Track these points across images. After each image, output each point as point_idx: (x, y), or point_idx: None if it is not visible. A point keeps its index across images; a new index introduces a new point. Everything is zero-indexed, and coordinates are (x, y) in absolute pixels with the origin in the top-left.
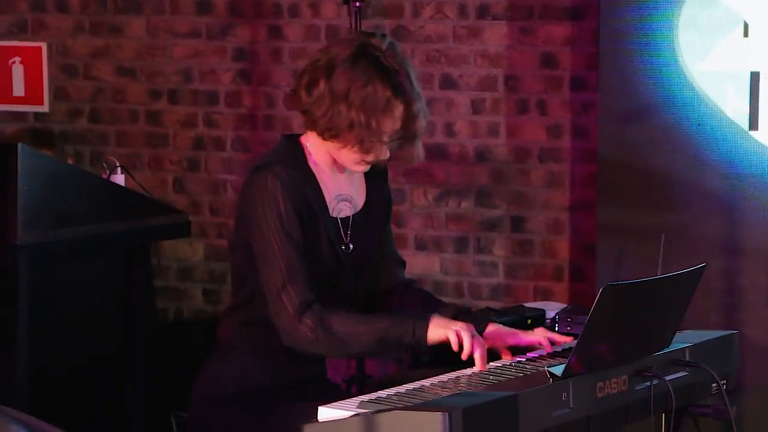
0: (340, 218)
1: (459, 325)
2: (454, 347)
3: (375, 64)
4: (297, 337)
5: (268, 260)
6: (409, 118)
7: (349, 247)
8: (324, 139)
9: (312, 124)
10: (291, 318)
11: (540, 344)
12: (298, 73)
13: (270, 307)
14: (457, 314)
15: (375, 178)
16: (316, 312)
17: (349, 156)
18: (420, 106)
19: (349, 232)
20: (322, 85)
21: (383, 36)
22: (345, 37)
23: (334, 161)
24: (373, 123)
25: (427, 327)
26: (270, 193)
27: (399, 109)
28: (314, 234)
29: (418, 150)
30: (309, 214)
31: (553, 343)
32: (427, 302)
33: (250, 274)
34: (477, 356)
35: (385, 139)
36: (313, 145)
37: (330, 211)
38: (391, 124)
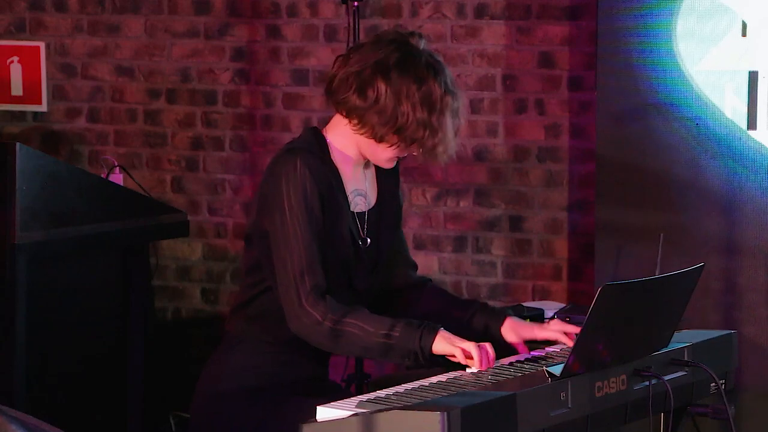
0: (357, 212)
1: (465, 344)
2: (462, 361)
3: (425, 65)
4: (303, 323)
5: (286, 242)
6: (455, 113)
7: (367, 242)
8: (375, 140)
9: (364, 126)
10: (301, 303)
11: (557, 340)
12: (340, 78)
13: (281, 289)
14: (476, 311)
15: (386, 179)
16: (328, 303)
17: (383, 153)
18: (460, 102)
19: (365, 227)
20: (381, 88)
21: (419, 35)
22: (383, 38)
23: (358, 154)
24: (435, 121)
25: (434, 337)
26: (298, 176)
27: (449, 105)
28: (336, 226)
29: (454, 147)
30: (332, 205)
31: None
32: (443, 304)
33: (267, 264)
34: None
35: (448, 135)
36: (340, 138)
37: (350, 205)
38: (448, 120)
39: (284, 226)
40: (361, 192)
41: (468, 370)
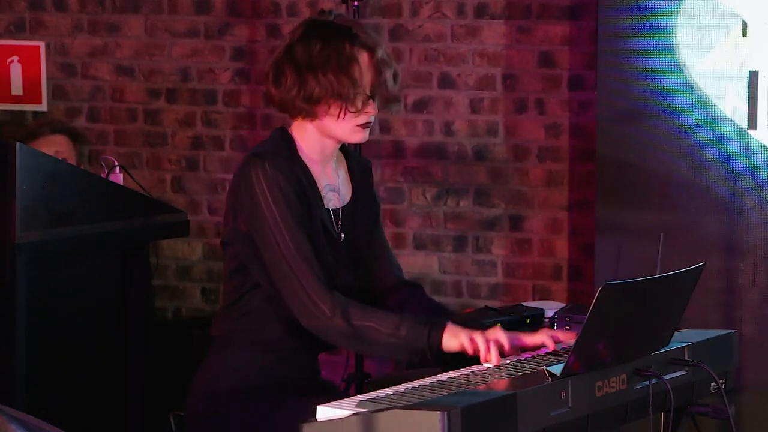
0: (331, 208)
1: (472, 332)
2: (470, 352)
3: (327, 28)
4: (316, 318)
5: (278, 247)
6: (379, 63)
7: (341, 236)
8: (311, 119)
9: (294, 111)
10: (310, 297)
11: (543, 344)
12: (264, 77)
13: (285, 294)
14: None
15: (360, 177)
16: (335, 296)
17: (343, 127)
18: (384, 51)
19: (339, 222)
20: (286, 69)
21: (330, 11)
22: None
23: (323, 150)
24: (345, 78)
25: (442, 333)
26: (271, 180)
27: (364, 57)
28: (312, 223)
29: (395, 92)
30: (305, 202)
31: (557, 342)
32: (429, 313)
33: (251, 264)
34: (492, 356)
35: (366, 90)
36: (303, 135)
37: (322, 201)
38: (362, 72)
39: (272, 232)
40: (333, 188)
41: (485, 364)
